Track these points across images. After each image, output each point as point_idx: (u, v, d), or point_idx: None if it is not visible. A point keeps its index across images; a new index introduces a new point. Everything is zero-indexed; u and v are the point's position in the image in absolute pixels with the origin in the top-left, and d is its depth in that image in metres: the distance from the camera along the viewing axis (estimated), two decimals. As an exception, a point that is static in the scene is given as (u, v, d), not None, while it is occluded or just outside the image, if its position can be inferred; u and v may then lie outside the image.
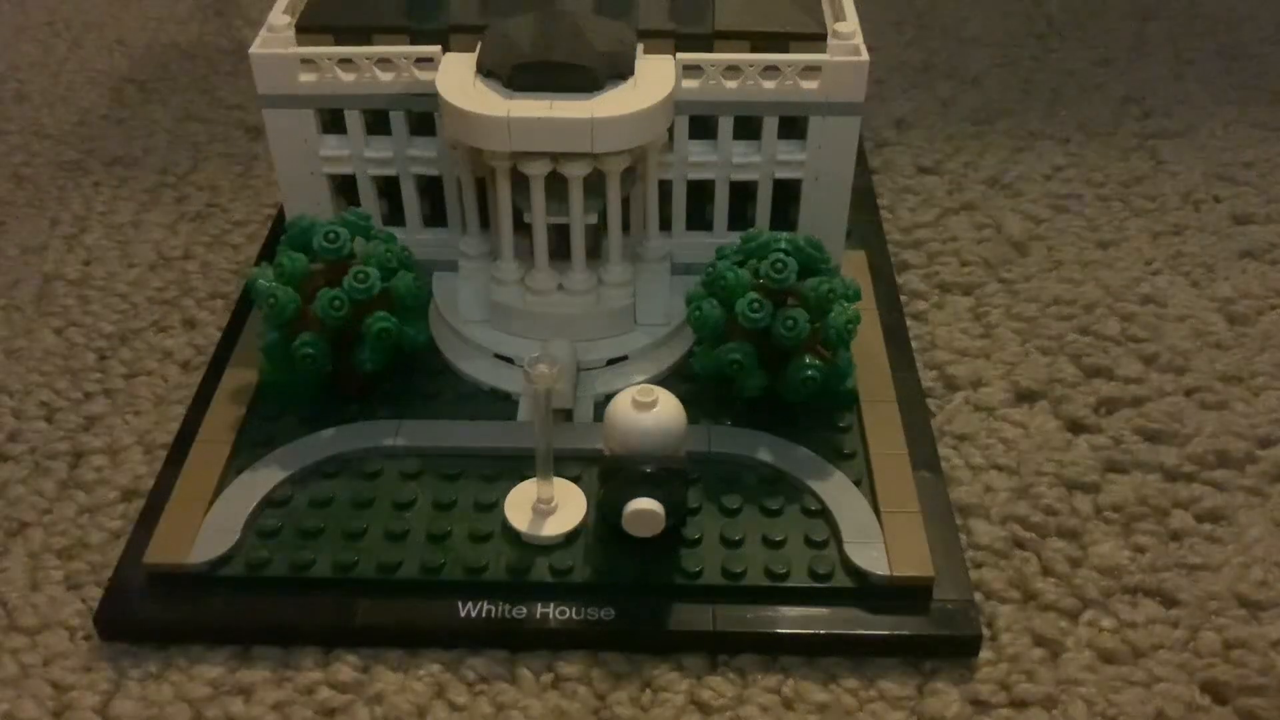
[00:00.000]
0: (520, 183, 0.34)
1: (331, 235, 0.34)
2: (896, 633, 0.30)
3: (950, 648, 0.30)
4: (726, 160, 0.37)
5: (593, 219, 0.35)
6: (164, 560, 0.31)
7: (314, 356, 0.34)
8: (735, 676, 0.29)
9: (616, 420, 0.30)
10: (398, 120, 0.36)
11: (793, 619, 0.30)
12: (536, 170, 0.33)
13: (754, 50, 0.35)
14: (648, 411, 0.29)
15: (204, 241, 0.45)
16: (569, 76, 0.32)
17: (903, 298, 0.41)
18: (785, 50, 0.35)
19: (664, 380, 0.36)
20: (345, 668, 0.29)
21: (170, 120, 0.52)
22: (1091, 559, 0.32)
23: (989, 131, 0.50)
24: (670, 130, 0.35)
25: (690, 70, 0.35)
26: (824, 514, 0.32)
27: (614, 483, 0.29)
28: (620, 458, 0.30)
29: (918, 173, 0.48)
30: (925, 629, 0.30)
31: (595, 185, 0.34)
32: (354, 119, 0.36)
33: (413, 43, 0.35)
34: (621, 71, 0.33)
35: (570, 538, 0.31)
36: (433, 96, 0.34)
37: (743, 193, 0.38)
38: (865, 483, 0.33)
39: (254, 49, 0.35)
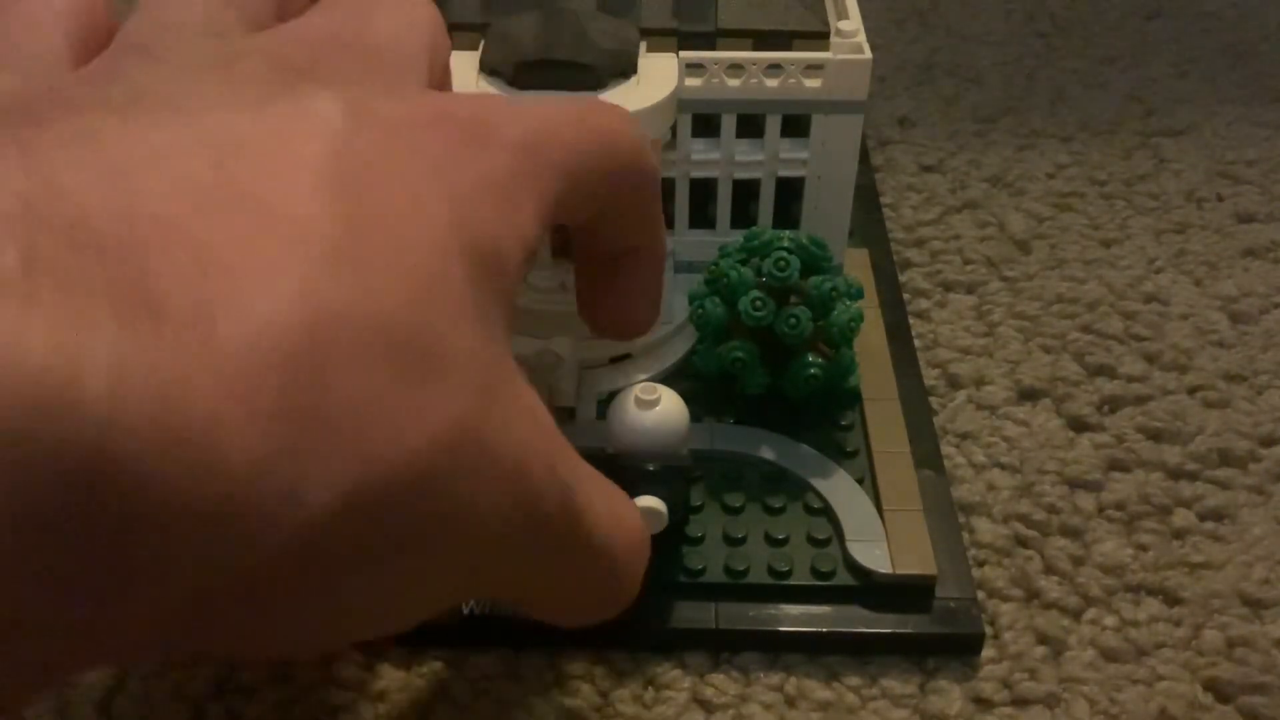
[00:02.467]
0: (523, 181, 0.34)
1: (334, 233, 0.34)
2: (899, 631, 0.30)
3: (953, 646, 0.30)
4: (729, 158, 0.37)
5: (595, 217, 0.35)
6: (167, 558, 0.31)
7: (317, 354, 0.34)
8: (738, 674, 0.29)
9: (619, 418, 0.30)
10: (400, 118, 0.36)
11: (795, 617, 0.30)
12: (539, 168, 0.33)
13: (757, 48, 0.35)
14: (650, 409, 0.29)
15: (207, 240, 0.45)
16: (572, 75, 0.32)
17: (905, 296, 0.41)
18: (788, 48, 0.35)
19: (667, 378, 0.36)
20: (348, 665, 0.29)
21: (173, 118, 0.52)
22: (1094, 557, 0.32)
23: (992, 130, 0.50)
24: (673, 128, 0.35)
25: (693, 68, 0.35)
26: (826, 512, 0.32)
27: (616, 481, 0.29)
28: (623, 456, 0.30)
29: (920, 171, 0.48)
30: (928, 627, 0.30)
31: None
32: (357, 117, 0.36)
33: (415, 41, 0.35)
34: (624, 70, 0.33)
35: (573, 536, 0.31)
36: (435, 94, 0.34)
37: (745, 191, 0.38)
38: (868, 481, 0.33)
39: (257, 47, 0.35)
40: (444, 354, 0.18)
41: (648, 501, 0.29)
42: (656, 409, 0.29)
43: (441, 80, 0.25)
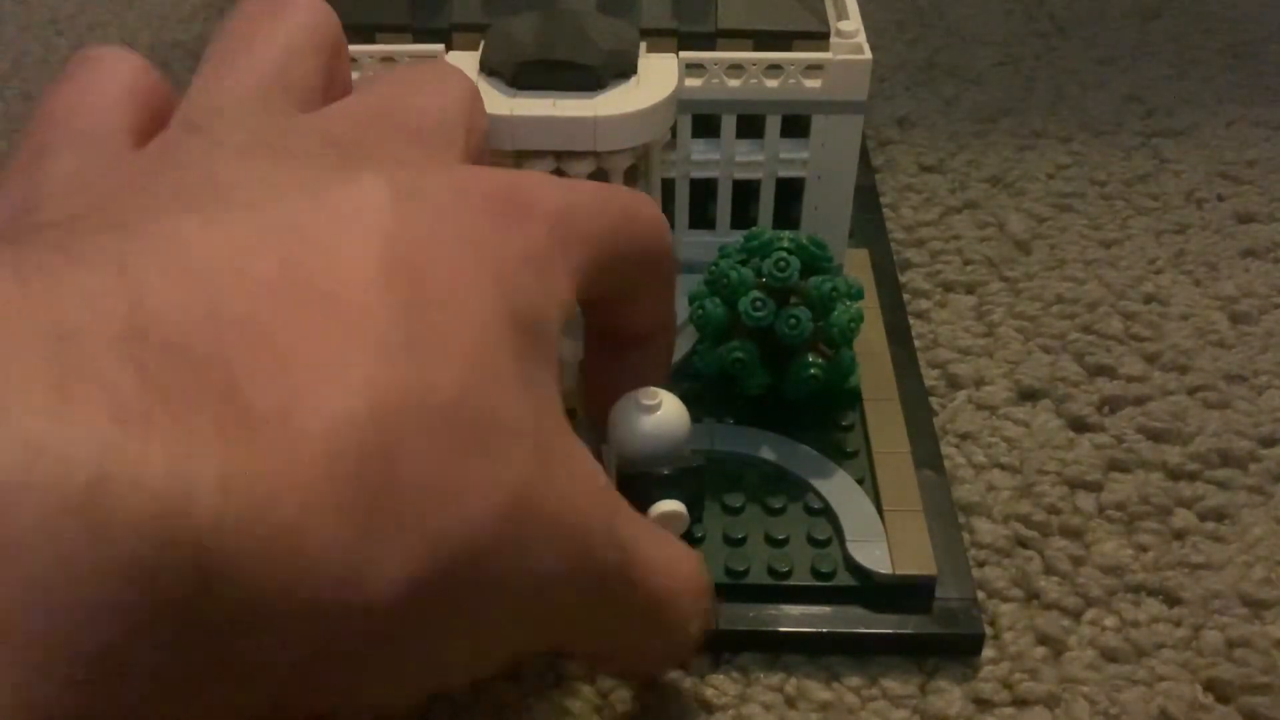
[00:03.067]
0: (523, 181, 0.34)
1: (334, 234, 0.34)
2: (899, 631, 0.30)
3: (953, 646, 0.30)
4: (729, 159, 0.37)
5: (595, 217, 0.35)
6: (167, 558, 0.31)
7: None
8: (738, 674, 0.29)
9: (622, 425, 0.29)
10: (400, 119, 0.36)
11: (795, 617, 0.30)
12: (540, 169, 0.33)
13: (757, 49, 0.35)
14: (653, 414, 0.29)
15: (207, 240, 0.45)
16: (572, 75, 0.32)
17: (905, 296, 0.41)
18: (788, 48, 0.35)
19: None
20: (348, 666, 0.29)
21: (173, 119, 0.52)
22: (1094, 558, 0.32)
23: (992, 130, 0.50)
24: (673, 128, 0.35)
25: (693, 69, 0.35)
26: (826, 512, 0.32)
27: (633, 488, 0.28)
28: (635, 462, 0.29)
29: (920, 171, 0.48)
30: (928, 627, 0.30)
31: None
32: (357, 117, 0.36)
33: (415, 41, 0.35)
34: (624, 70, 0.33)
35: (573, 536, 0.31)
36: (435, 95, 0.33)
37: (745, 191, 0.38)
38: (868, 481, 0.33)
39: (257, 47, 0.35)
40: (499, 427, 0.20)
41: (668, 506, 0.29)
42: (659, 413, 0.29)
43: (479, 151, 0.27)
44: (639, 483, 0.29)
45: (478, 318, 0.20)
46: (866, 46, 0.35)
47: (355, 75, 0.35)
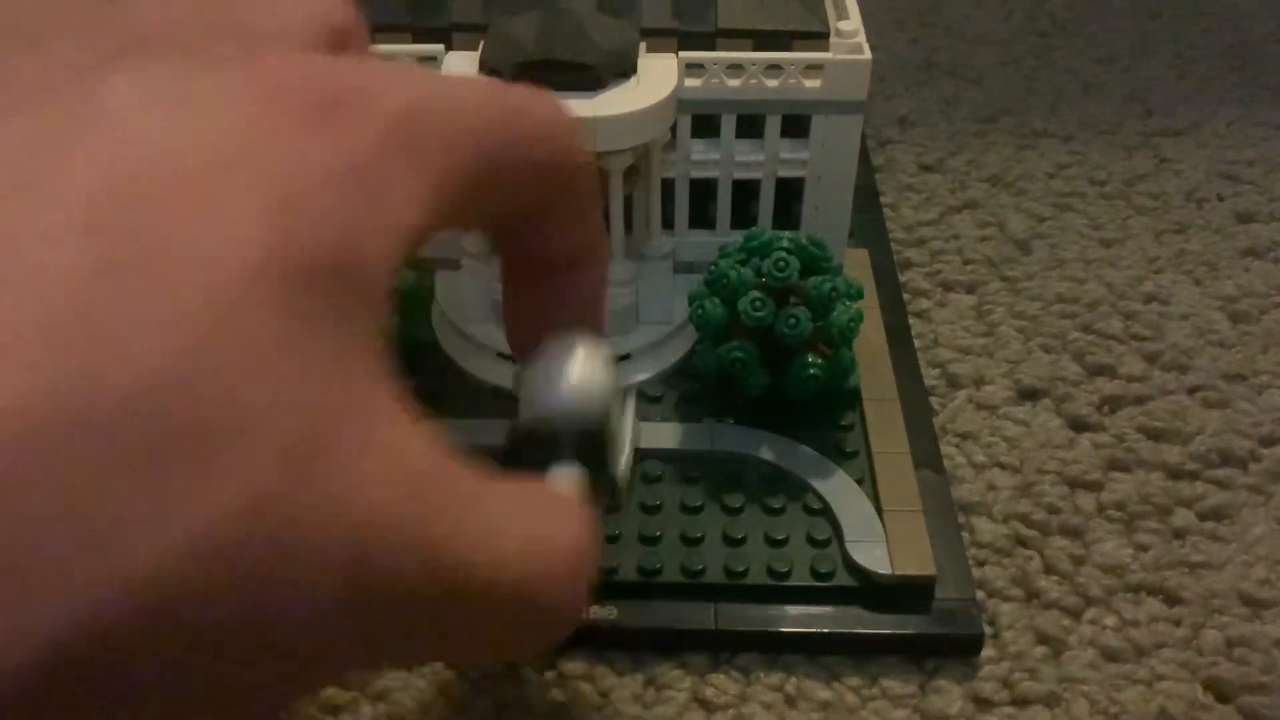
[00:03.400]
0: (523, 181, 0.34)
1: (334, 233, 0.34)
2: (899, 631, 0.30)
3: (953, 646, 0.30)
4: (729, 158, 0.37)
5: (595, 217, 0.35)
6: (167, 558, 0.31)
7: (317, 355, 0.34)
8: (738, 674, 0.29)
9: (526, 375, 0.24)
10: (400, 119, 0.36)
11: (795, 617, 0.30)
12: (539, 168, 0.33)
13: (756, 48, 0.35)
14: (553, 369, 0.24)
15: (207, 240, 0.45)
16: (572, 75, 0.32)
17: (905, 296, 0.41)
18: (788, 48, 0.35)
19: (667, 378, 0.36)
20: (348, 665, 0.29)
21: (173, 119, 0.52)
22: (1094, 557, 0.32)
23: (992, 130, 0.50)
24: (673, 128, 0.35)
25: (693, 68, 0.35)
26: (826, 512, 0.32)
27: (529, 449, 0.24)
28: (542, 419, 0.24)
29: (920, 171, 0.48)
30: (928, 627, 0.30)
31: (598, 184, 0.34)
32: (357, 117, 0.36)
33: (415, 41, 0.35)
34: (624, 70, 0.33)
35: (573, 536, 0.31)
36: (435, 95, 0.33)
37: (745, 191, 0.38)
38: (867, 481, 0.33)
39: (257, 47, 0.35)
40: (226, 418, 0.15)
41: (562, 472, 0.23)
42: (565, 368, 0.24)
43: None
44: (534, 444, 0.24)
45: (219, 265, 0.15)
46: (866, 46, 0.35)
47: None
